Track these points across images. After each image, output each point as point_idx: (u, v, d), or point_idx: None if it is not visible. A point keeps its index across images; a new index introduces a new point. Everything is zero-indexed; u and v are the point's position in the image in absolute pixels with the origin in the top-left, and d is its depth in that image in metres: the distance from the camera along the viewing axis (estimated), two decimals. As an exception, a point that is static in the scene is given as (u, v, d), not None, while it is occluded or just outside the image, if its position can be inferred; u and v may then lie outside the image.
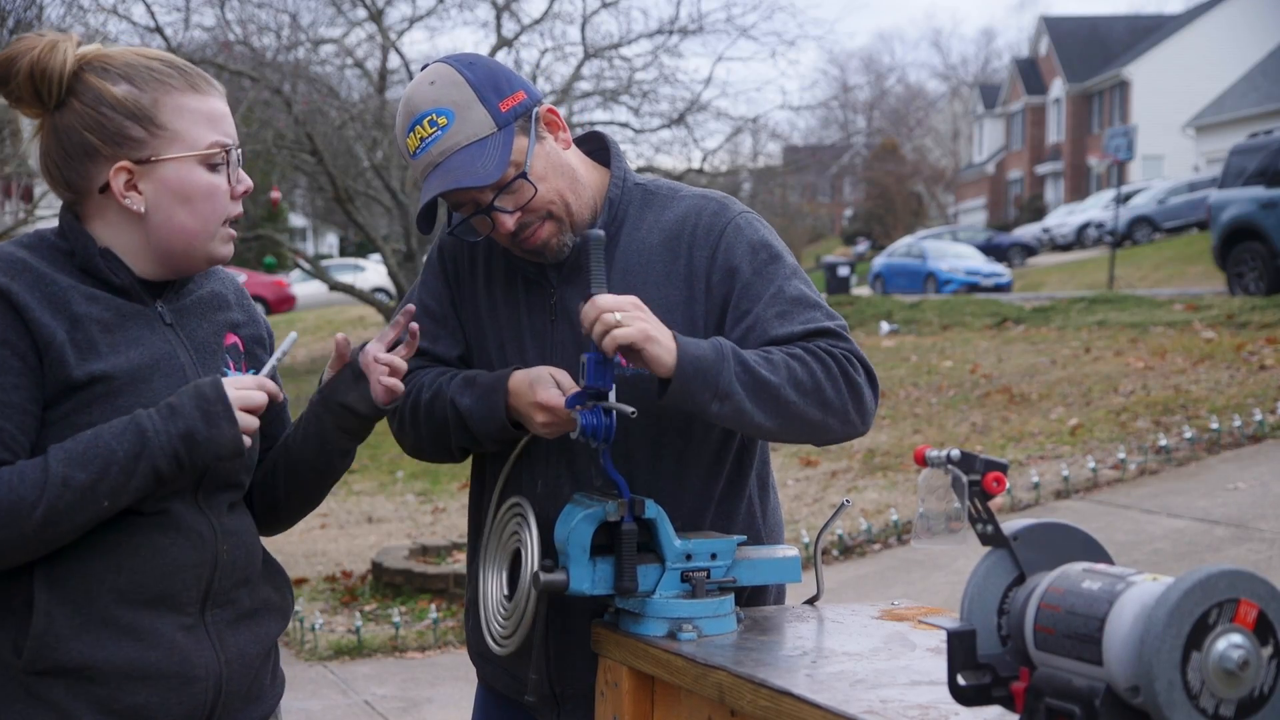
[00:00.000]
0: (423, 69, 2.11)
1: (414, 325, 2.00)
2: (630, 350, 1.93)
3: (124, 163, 1.82)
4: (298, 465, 2.03)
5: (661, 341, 1.94)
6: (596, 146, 2.25)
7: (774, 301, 2.08)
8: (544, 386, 2.03)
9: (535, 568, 2.01)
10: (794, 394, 1.99)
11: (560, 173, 2.10)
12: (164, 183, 1.84)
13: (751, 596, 2.19)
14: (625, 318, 1.91)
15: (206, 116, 1.86)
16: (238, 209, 1.91)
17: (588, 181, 2.16)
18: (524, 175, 2.05)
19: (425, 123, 2.04)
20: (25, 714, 1.77)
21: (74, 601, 1.78)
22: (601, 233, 1.98)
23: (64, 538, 1.76)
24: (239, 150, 1.91)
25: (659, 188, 2.22)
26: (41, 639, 1.76)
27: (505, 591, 2.12)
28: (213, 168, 1.86)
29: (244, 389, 1.83)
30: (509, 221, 2.06)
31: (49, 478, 1.72)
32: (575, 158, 2.16)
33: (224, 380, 1.83)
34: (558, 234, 2.11)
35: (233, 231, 1.91)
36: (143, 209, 1.84)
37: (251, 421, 1.83)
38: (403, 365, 1.98)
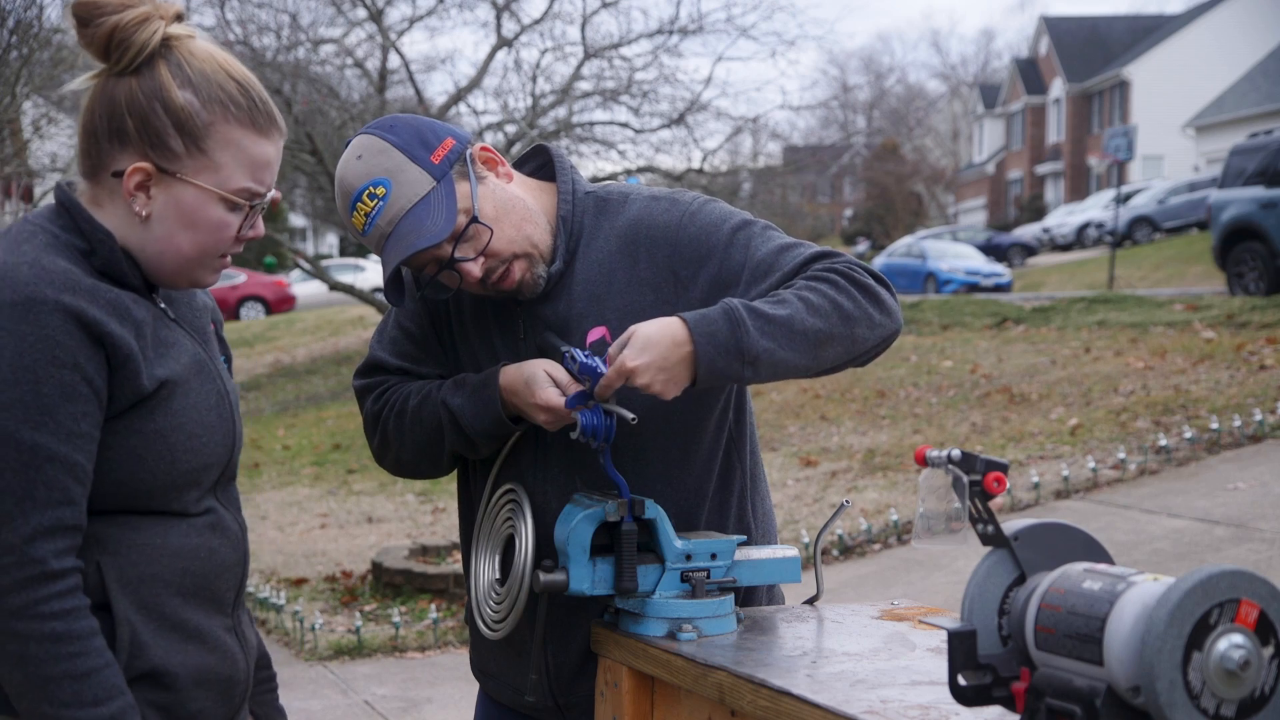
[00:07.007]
0: (346, 145, 2.09)
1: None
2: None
3: (147, 164, 1.73)
4: None
5: (685, 376, 1.96)
6: (543, 162, 2.24)
7: (759, 264, 2.08)
8: (541, 386, 2.02)
9: (530, 553, 2.02)
10: (814, 320, 1.98)
11: (511, 208, 2.09)
12: (178, 202, 1.74)
13: (744, 597, 2.19)
14: (649, 381, 1.93)
15: (251, 160, 1.77)
16: (238, 249, 1.85)
17: (540, 207, 2.14)
18: (476, 219, 2.04)
19: (365, 197, 2.02)
20: None
21: (146, 607, 1.74)
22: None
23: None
24: (269, 198, 1.85)
25: (611, 193, 2.20)
26: (129, 648, 1.72)
27: (497, 576, 2.13)
28: (232, 208, 1.78)
29: None
30: (475, 269, 2.05)
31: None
32: (520, 188, 2.14)
33: None
34: (529, 269, 2.10)
35: (227, 262, 1.85)
36: (145, 214, 1.75)
37: None
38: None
